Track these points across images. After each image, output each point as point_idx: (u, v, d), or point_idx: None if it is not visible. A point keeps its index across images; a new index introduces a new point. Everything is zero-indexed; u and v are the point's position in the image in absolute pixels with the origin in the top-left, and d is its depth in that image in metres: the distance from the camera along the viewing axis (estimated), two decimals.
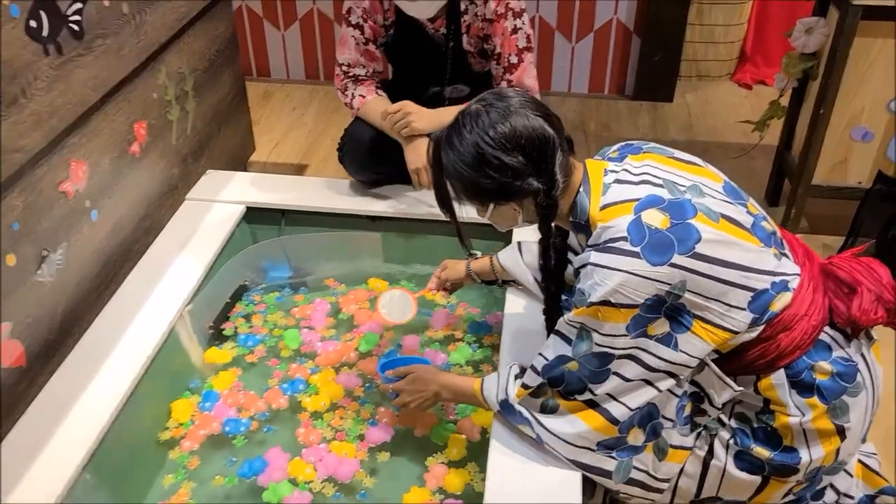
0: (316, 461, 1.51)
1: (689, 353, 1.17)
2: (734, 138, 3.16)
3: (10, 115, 1.38)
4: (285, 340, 1.81)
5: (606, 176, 1.23)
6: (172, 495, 1.46)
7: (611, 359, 1.18)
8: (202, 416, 1.61)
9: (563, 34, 3.41)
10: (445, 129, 1.23)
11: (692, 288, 1.13)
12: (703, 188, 1.21)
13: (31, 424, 1.43)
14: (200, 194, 2.12)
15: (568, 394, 1.23)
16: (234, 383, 1.70)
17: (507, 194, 1.20)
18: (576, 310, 1.18)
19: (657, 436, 1.24)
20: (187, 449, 1.55)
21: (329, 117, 3.38)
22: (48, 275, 1.57)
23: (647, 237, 1.13)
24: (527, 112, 1.17)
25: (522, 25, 1.91)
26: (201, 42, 2.25)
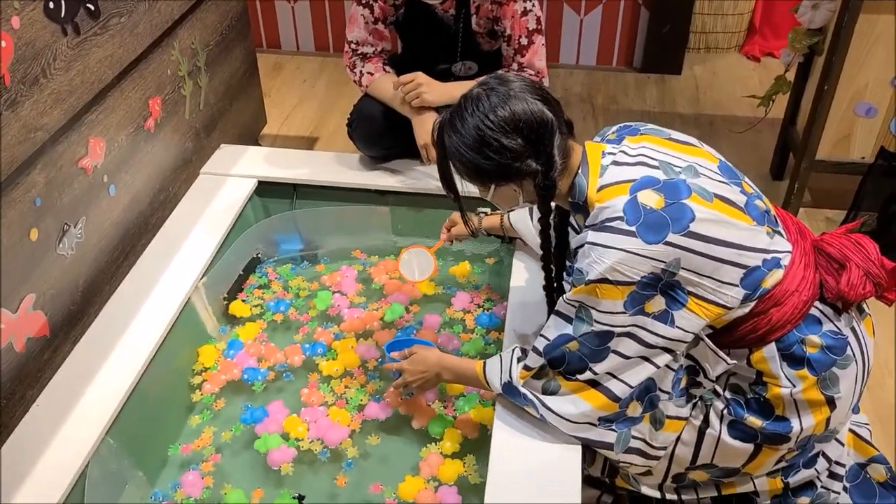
0: (311, 421, 1.60)
1: (685, 329, 1.22)
2: (741, 112, 3.17)
3: (31, 95, 1.43)
4: (316, 300, 1.89)
5: (604, 158, 1.27)
6: (197, 438, 1.59)
7: (610, 337, 1.22)
8: (225, 363, 1.73)
9: (571, 7, 3.41)
10: (448, 113, 1.27)
11: (686, 265, 1.18)
12: (699, 168, 1.25)
13: (57, 390, 1.49)
14: (214, 168, 2.17)
15: (569, 374, 1.28)
16: (258, 334, 1.82)
17: (507, 175, 1.24)
18: (574, 289, 1.23)
19: (654, 407, 1.29)
20: (208, 391, 1.67)
21: (339, 89, 3.40)
22: (69, 248, 1.63)
23: (642, 217, 1.17)
24: (526, 96, 1.22)
25: (532, 7, 1.93)
26: (213, 17, 2.28)
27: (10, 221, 1.42)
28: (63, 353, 1.60)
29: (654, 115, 3.19)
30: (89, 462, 1.38)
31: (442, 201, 2.07)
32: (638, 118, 3.14)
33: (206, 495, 1.48)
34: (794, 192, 2.46)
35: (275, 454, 1.53)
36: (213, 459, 1.55)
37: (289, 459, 1.53)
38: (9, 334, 1.45)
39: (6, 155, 1.37)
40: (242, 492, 1.48)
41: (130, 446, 1.48)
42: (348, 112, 2.18)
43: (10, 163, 1.39)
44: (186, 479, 1.50)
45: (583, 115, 3.18)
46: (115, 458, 1.44)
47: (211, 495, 1.49)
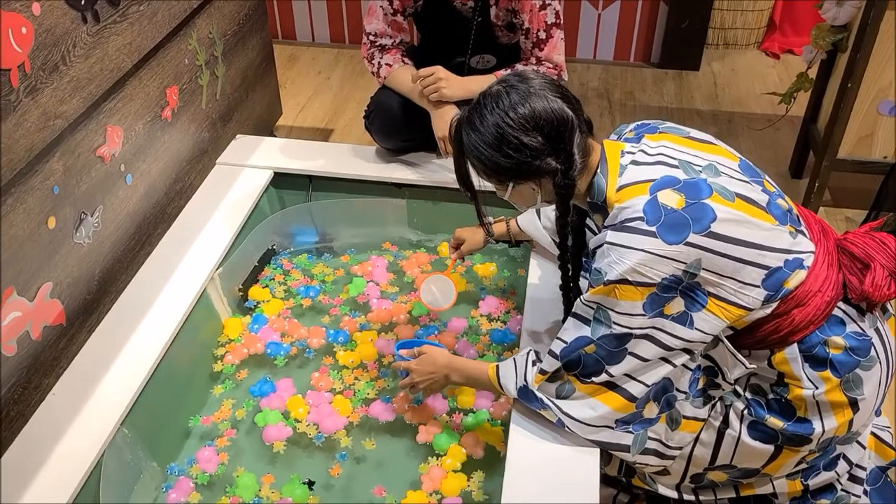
0: (313, 405, 1.61)
1: (704, 331, 1.20)
2: (760, 109, 3.14)
3: (51, 82, 1.42)
4: (350, 286, 1.91)
5: (623, 157, 1.26)
6: (217, 409, 1.63)
7: (628, 339, 1.21)
8: (249, 336, 1.77)
9: (589, 1, 3.38)
10: (466, 110, 1.26)
11: (707, 266, 1.16)
12: (719, 167, 1.23)
13: (73, 379, 1.49)
14: (230, 159, 2.16)
15: (584, 376, 1.26)
16: (282, 311, 1.85)
17: (526, 174, 1.23)
18: (592, 289, 1.21)
19: (671, 407, 1.28)
20: (229, 362, 1.72)
21: (354, 81, 3.39)
22: (86, 237, 1.63)
23: (662, 217, 1.16)
24: (546, 94, 1.20)
25: (552, 2, 1.91)
26: (231, 6, 2.27)
27: (29, 209, 1.42)
28: (79, 343, 1.60)
29: (671, 111, 3.16)
30: (105, 452, 1.37)
31: (458, 195, 2.02)
32: (655, 114, 3.13)
33: (221, 472, 1.51)
34: (815, 191, 2.43)
35: (270, 430, 1.56)
36: (228, 434, 1.58)
37: (283, 438, 1.55)
38: (26, 322, 1.44)
39: (25, 142, 1.37)
40: (254, 476, 1.49)
41: (146, 435, 1.48)
42: (363, 104, 2.17)
43: (30, 150, 1.38)
44: (202, 455, 1.53)
45: (599, 111, 3.16)
46: (130, 448, 1.43)
47: (225, 471, 1.51)
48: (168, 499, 1.45)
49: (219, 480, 1.50)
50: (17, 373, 1.44)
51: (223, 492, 1.47)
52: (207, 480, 1.49)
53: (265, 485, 1.48)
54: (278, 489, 1.47)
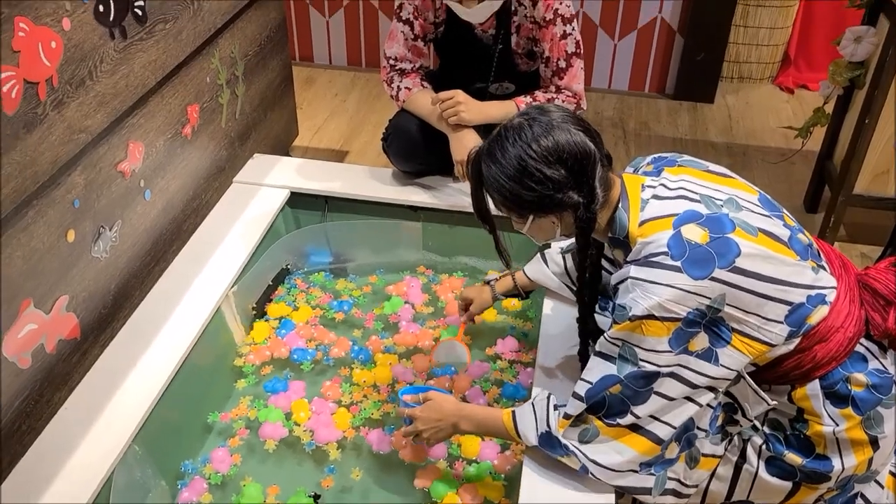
0: (315, 412, 1.63)
1: (729, 367, 1.18)
2: (774, 142, 3.15)
3: (77, 97, 1.43)
4: (387, 304, 1.92)
5: (644, 191, 1.25)
6: (235, 406, 1.67)
7: (655, 378, 1.18)
8: (275, 339, 1.81)
9: (605, 31, 3.41)
10: (486, 143, 1.25)
11: (731, 301, 1.15)
12: (740, 201, 1.23)
13: (85, 393, 1.49)
14: (247, 177, 2.17)
15: (609, 418, 1.22)
16: (310, 318, 1.89)
17: (547, 207, 1.22)
18: (616, 326, 1.19)
19: (691, 446, 1.26)
20: (250, 362, 1.76)
21: (371, 104, 3.41)
22: (103, 251, 1.63)
23: (687, 252, 1.15)
24: (569, 127, 1.20)
25: (573, 31, 1.92)
26: (253, 27, 2.30)
27: (50, 221, 1.42)
28: (92, 357, 1.59)
29: (685, 142, 3.17)
30: (115, 468, 1.36)
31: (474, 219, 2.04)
32: (670, 145, 3.14)
33: (233, 472, 1.53)
34: (830, 226, 2.43)
35: (267, 428, 1.59)
36: (241, 434, 1.60)
37: (276, 438, 1.58)
38: (41, 335, 1.44)
39: (50, 155, 1.38)
40: (260, 487, 1.49)
41: (156, 451, 1.47)
42: (379, 127, 2.18)
43: (54, 163, 1.39)
44: (216, 455, 1.55)
45: (614, 140, 3.17)
46: (141, 465, 1.42)
47: (238, 472, 1.53)
48: (181, 497, 1.47)
49: (231, 481, 1.52)
50: (31, 385, 1.43)
51: (234, 493, 1.49)
52: (220, 481, 1.51)
53: (270, 495, 1.49)
54: (284, 500, 1.47)
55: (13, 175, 1.29)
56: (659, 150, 3.14)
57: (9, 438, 1.40)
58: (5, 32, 1.23)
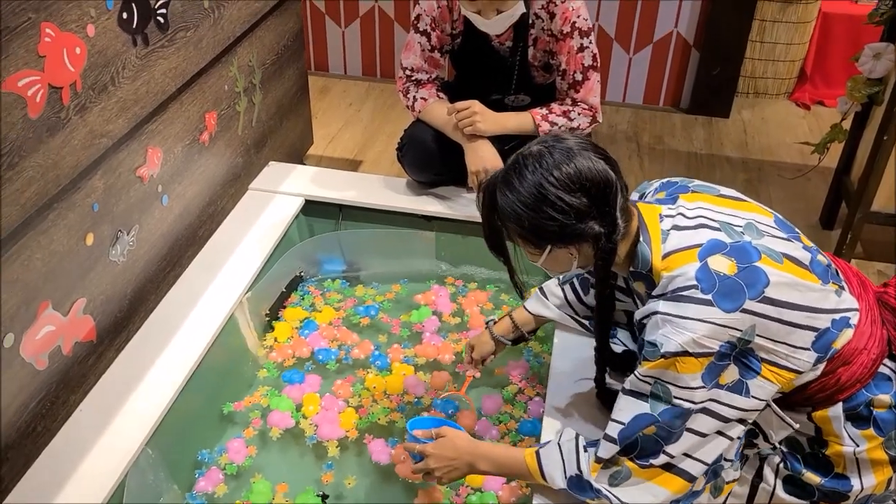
0: (324, 408, 1.66)
1: (760, 398, 1.16)
2: (790, 158, 3.14)
3: (100, 102, 1.45)
4: (415, 312, 1.93)
5: (663, 222, 1.22)
6: (255, 391, 1.72)
7: (688, 415, 1.15)
8: (298, 339, 1.85)
9: (621, 45, 3.42)
10: (501, 172, 1.21)
11: (761, 332, 1.13)
12: (759, 226, 1.21)
13: (101, 396, 1.49)
14: (262, 185, 2.18)
15: (642, 459, 1.18)
16: (332, 320, 1.92)
17: (568, 237, 1.17)
18: (647, 363, 1.15)
19: (717, 477, 1.24)
20: (272, 359, 1.79)
21: (385, 114, 3.43)
22: (120, 255, 1.64)
23: (717, 284, 1.12)
24: (590, 154, 1.16)
25: (589, 44, 1.92)
26: (271, 36, 2.31)
27: (69, 224, 1.43)
28: (107, 360, 1.60)
29: (700, 157, 3.16)
30: (128, 472, 1.36)
31: None
32: (684, 159, 3.13)
33: (248, 464, 1.56)
34: (847, 244, 2.41)
35: (275, 416, 1.64)
36: (255, 423, 1.64)
37: (281, 427, 1.62)
38: (58, 337, 1.45)
39: (71, 159, 1.39)
40: (269, 484, 1.51)
41: (169, 454, 1.47)
42: (393, 137, 2.19)
43: (75, 167, 1.41)
44: (231, 446, 1.58)
45: (628, 154, 3.16)
46: (154, 468, 1.42)
47: (252, 464, 1.56)
48: (197, 486, 1.50)
49: (245, 472, 1.55)
50: (47, 387, 1.44)
51: (248, 484, 1.52)
52: (235, 471, 1.54)
53: (279, 493, 1.50)
54: (292, 498, 1.50)
55: (35, 178, 1.30)
56: (673, 164, 3.15)
57: (24, 439, 1.40)
58: (31, 37, 1.24)
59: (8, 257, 1.29)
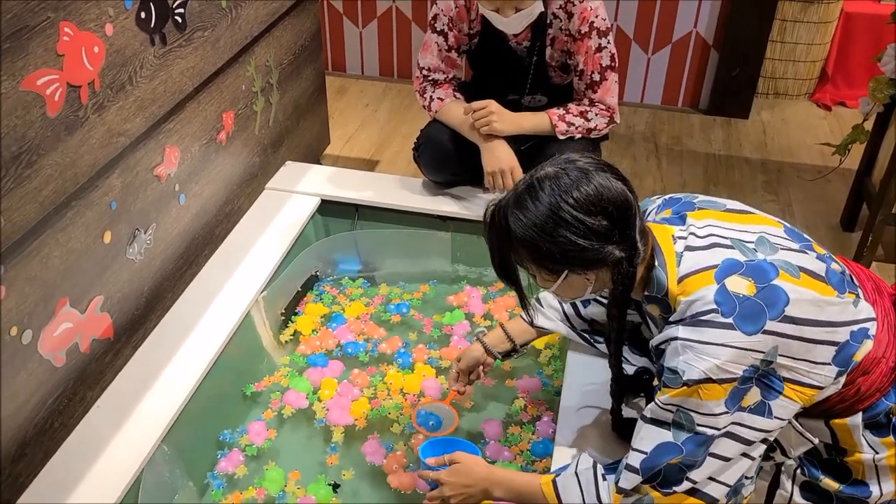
0: (339, 394, 1.69)
1: (782, 417, 1.14)
2: (810, 159, 3.10)
3: (118, 101, 1.46)
4: (448, 315, 1.91)
5: (676, 243, 1.18)
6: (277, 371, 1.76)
7: (711, 441, 1.12)
8: (324, 332, 1.86)
9: (639, 45, 3.40)
10: (512, 193, 1.14)
11: (783, 352, 1.10)
12: (770, 238, 1.18)
13: (118, 393, 1.50)
14: (279, 184, 2.19)
15: (665, 486, 1.15)
16: (360, 314, 1.93)
17: (587, 262, 1.12)
18: (668, 390, 1.12)
19: (737, 494, 1.21)
20: (301, 352, 1.81)
21: (402, 114, 3.43)
22: (138, 253, 1.65)
23: (737, 306, 1.09)
24: (607, 175, 1.12)
25: (608, 45, 1.91)
26: (288, 36, 2.32)
27: (87, 223, 1.45)
28: (124, 357, 1.61)
29: (719, 158, 3.14)
30: (144, 468, 1.37)
31: None
32: (703, 160, 3.11)
33: (267, 446, 1.59)
34: (868, 246, 2.38)
35: (290, 395, 1.67)
36: (273, 404, 1.67)
37: (294, 406, 1.65)
38: (76, 334, 1.46)
39: (89, 158, 1.40)
40: (282, 472, 1.53)
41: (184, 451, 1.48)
42: (409, 138, 2.18)
43: (93, 166, 1.42)
44: (252, 427, 1.61)
45: (646, 154, 3.15)
46: (169, 465, 1.43)
47: (271, 447, 1.59)
48: (218, 466, 1.53)
49: (265, 454, 1.58)
50: (64, 384, 1.45)
51: (266, 466, 1.54)
52: (255, 452, 1.57)
53: (291, 480, 1.52)
54: (304, 486, 1.51)
55: (54, 176, 1.32)
56: (691, 165, 3.12)
57: (41, 435, 1.42)
58: (50, 36, 1.26)
59: (27, 254, 1.31)
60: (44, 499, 1.30)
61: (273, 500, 1.48)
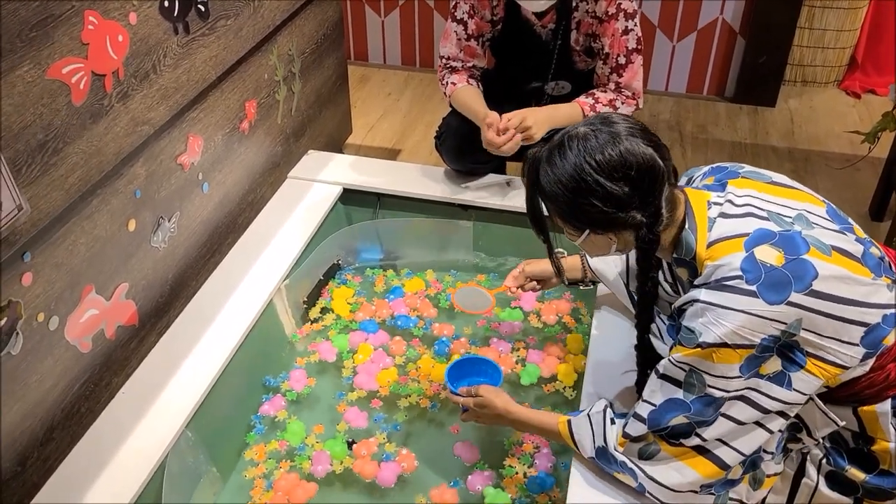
0: (371, 360, 1.75)
1: (802, 391, 1.13)
2: (838, 148, 3.05)
3: (141, 90, 1.47)
4: (506, 313, 1.90)
5: (710, 209, 1.19)
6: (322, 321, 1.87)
7: (721, 402, 1.13)
8: (380, 302, 1.93)
9: (664, 32, 3.35)
10: (546, 149, 1.18)
11: (807, 326, 1.09)
12: (809, 217, 1.17)
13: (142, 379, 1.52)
14: (301, 173, 2.19)
15: (672, 437, 1.17)
16: (419, 291, 1.97)
17: (607, 224, 1.15)
18: (682, 349, 1.13)
19: (756, 468, 1.21)
20: (357, 319, 1.89)
21: (423, 104, 3.42)
22: (162, 241, 1.67)
23: (762, 275, 1.09)
24: (637, 140, 1.13)
25: (634, 27, 1.89)
26: (311, 25, 2.32)
27: (112, 210, 1.46)
28: (149, 344, 1.63)
29: (745, 146, 3.09)
30: (169, 453, 1.39)
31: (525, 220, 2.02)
32: (728, 149, 3.07)
33: (307, 392, 1.69)
34: None
35: (325, 349, 1.77)
36: (312, 346, 1.78)
37: (327, 359, 1.75)
38: (101, 321, 1.48)
39: (114, 146, 1.42)
40: (303, 425, 1.61)
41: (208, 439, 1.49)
42: (431, 126, 2.18)
43: (117, 154, 1.43)
44: (294, 374, 1.71)
45: (670, 143, 3.08)
46: (193, 451, 1.45)
47: (311, 393, 1.69)
48: (262, 408, 1.64)
49: (304, 400, 1.68)
50: (90, 370, 1.47)
51: (308, 409, 1.66)
52: (295, 398, 1.67)
53: (313, 433, 1.59)
54: (322, 441, 1.57)
55: (79, 164, 1.33)
56: (717, 153, 3.09)
57: (68, 420, 1.44)
58: (75, 25, 1.27)
59: (53, 241, 1.32)
60: (71, 481, 1.32)
61: (294, 451, 1.56)
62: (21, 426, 1.33)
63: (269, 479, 1.51)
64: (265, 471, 1.52)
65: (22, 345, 1.28)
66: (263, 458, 1.55)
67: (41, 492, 1.30)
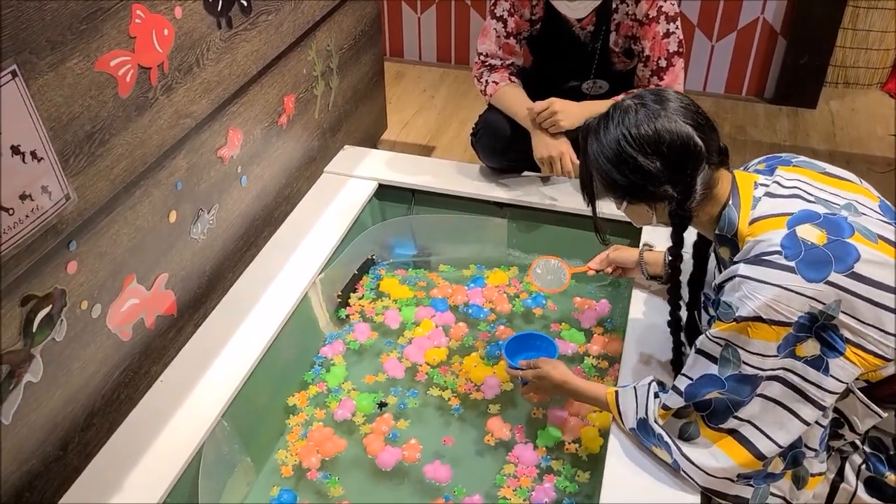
0: (427, 336, 1.81)
1: (840, 378, 1.12)
2: (881, 151, 2.99)
3: (185, 83, 1.49)
4: (569, 333, 1.84)
5: (756, 189, 1.20)
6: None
7: (758, 382, 1.14)
8: (459, 288, 1.98)
9: (703, 32, 3.31)
10: (597, 118, 1.24)
11: (847, 310, 1.08)
12: (859, 207, 1.16)
13: (180, 368, 1.54)
14: (337, 168, 2.21)
15: (711, 419, 1.20)
16: (499, 285, 1.99)
17: (639, 195, 1.21)
18: (720, 324, 1.15)
19: (798, 465, 1.20)
20: (433, 294, 1.96)
21: (458, 101, 3.42)
22: (201, 233, 1.69)
23: (802, 252, 1.09)
24: (678, 118, 1.16)
25: (676, 30, 1.87)
26: (349, 21, 2.34)
27: (154, 202, 1.49)
28: (186, 335, 1.66)
29: (784, 148, 3.04)
30: (205, 442, 1.41)
31: (560, 219, 2.03)
32: (767, 150, 3.02)
33: (369, 343, 1.81)
34: None
35: (391, 314, 1.87)
36: (370, 313, 1.89)
37: (391, 326, 1.85)
38: (141, 310, 1.51)
39: (157, 138, 1.44)
40: (343, 368, 1.73)
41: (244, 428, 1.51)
42: (466, 123, 2.18)
43: (160, 146, 1.45)
44: (359, 327, 1.84)
45: None
46: (228, 441, 1.47)
47: (373, 344, 1.82)
48: (321, 350, 1.77)
49: (366, 351, 1.80)
50: (130, 358, 1.50)
51: (369, 359, 1.78)
52: (357, 347, 1.80)
53: (350, 382, 1.69)
54: (357, 391, 1.68)
55: (124, 155, 1.36)
56: (755, 155, 2.99)
57: (108, 406, 1.47)
58: (123, 18, 1.29)
59: (98, 231, 1.35)
60: (110, 467, 1.35)
61: (330, 392, 1.68)
62: (63, 411, 1.35)
63: (306, 427, 1.61)
64: (306, 418, 1.62)
65: (66, 332, 1.31)
66: (305, 404, 1.66)
67: (81, 476, 1.33)
